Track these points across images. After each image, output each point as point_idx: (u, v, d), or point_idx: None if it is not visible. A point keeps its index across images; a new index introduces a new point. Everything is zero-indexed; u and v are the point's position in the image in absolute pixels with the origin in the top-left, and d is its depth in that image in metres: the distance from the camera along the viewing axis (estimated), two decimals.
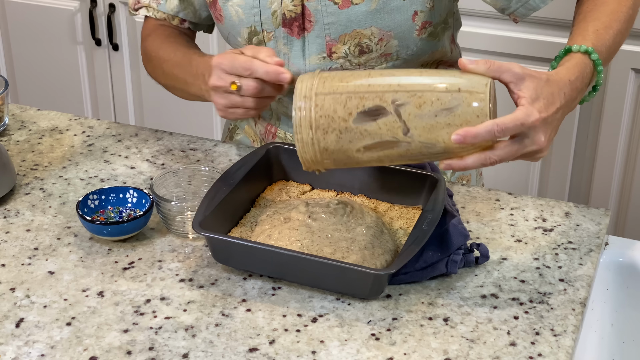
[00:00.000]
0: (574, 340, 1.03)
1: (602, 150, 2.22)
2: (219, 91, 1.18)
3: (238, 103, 1.17)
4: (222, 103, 1.19)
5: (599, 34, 1.16)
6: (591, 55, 1.13)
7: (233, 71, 1.15)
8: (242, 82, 1.15)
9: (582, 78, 1.11)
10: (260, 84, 1.15)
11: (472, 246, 1.14)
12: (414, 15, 1.28)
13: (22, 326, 1.04)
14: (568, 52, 1.13)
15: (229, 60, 1.16)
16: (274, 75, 1.14)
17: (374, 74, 1.05)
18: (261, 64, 1.14)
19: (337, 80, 1.05)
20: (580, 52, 1.12)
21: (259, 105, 1.18)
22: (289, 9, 1.28)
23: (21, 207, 1.26)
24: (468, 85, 1.02)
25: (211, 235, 1.09)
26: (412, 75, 1.04)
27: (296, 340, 1.02)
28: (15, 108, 1.54)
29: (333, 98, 1.04)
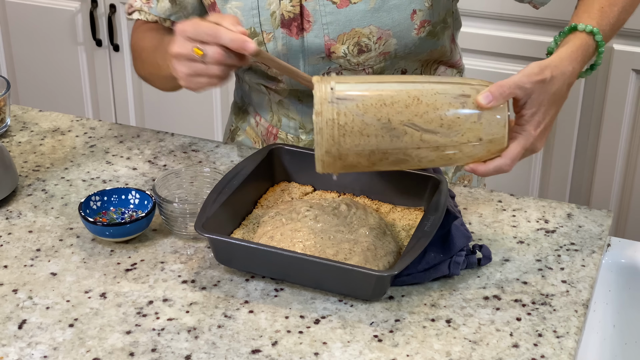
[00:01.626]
0: (577, 342, 1.03)
1: (603, 151, 2.22)
2: (181, 59, 1.14)
3: (201, 70, 1.13)
4: (184, 71, 1.14)
5: (603, 12, 1.19)
6: (595, 37, 1.16)
7: (197, 37, 1.12)
8: (207, 49, 1.11)
9: (583, 60, 1.16)
10: (224, 51, 1.11)
11: (475, 247, 1.14)
12: (413, 13, 1.28)
13: (25, 328, 1.04)
14: (573, 30, 1.16)
15: (193, 26, 1.12)
16: (239, 43, 1.10)
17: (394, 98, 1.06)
18: (226, 31, 1.10)
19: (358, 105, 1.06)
20: (586, 32, 1.16)
21: (223, 73, 1.14)
22: (288, 9, 1.28)
23: (23, 209, 1.26)
24: (488, 133, 1.07)
25: (214, 237, 1.09)
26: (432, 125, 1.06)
27: (299, 342, 1.02)
28: (17, 109, 1.54)
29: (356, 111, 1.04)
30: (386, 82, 1.07)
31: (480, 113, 1.06)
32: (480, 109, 1.06)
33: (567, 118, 2.23)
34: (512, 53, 2.21)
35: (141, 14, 1.39)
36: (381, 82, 1.07)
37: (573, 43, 1.15)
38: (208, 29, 1.11)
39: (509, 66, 2.23)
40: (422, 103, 1.05)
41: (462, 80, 1.09)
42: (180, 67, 1.14)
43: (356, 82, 1.07)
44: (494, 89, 1.07)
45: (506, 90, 1.08)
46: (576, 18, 1.19)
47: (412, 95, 1.05)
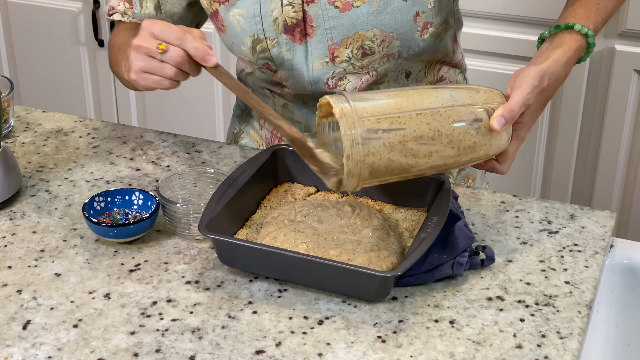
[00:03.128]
0: (580, 343, 1.03)
1: (605, 151, 2.22)
2: (140, 51, 1.15)
3: (155, 69, 1.15)
4: (139, 65, 1.15)
5: (599, 8, 1.25)
6: (589, 39, 1.22)
7: (162, 37, 1.13)
8: (170, 48, 1.13)
9: (574, 61, 1.22)
10: (186, 57, 1.13)
11: (478, 248, 1.14)
12: (416, 15, 1.28)
13: (29, 328, 1.05)
14: (570, 28, 1.22)
15: (162, 25, 1.14)
16: (202, 52, 1.12)
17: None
18: (192, 39, 1.12)
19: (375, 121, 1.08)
20: (581, 33, 1.22)
21: (176, 77, 1.15)
22: (290, 15, 1.28)
23: (27, 209, 1.27)
24: (496, 147, 1.15)
25: (217, 237, 1.09)
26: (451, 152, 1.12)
27: (302, 343, 1.02)
28: (21, 110, 1.54)
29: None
30: (404, 111, 1.09)
31: (491, 133, 1.13)
32: (493, 131, 1.13)
33: (569, 118, 2.23)
34: (514, 53, 2.21)
35: (124, 16, 1.39)
36: (400, 111, 1.09)
37: (569, 47, 1.21)
38: (177, 32, 1.13)
39: (510, 66, 2.23)
40: (442, 135, 1.10)
41: (472, 98, 1.13)
42: (136, 60, 1.16)
43: (376, 108, 1.09)
44: (506, 114, 1.12)
45: (516, 112, 1.14)
46: (572, 12, 1.24)
47: (432, 128, 1.10)
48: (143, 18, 1.37)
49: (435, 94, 1.11)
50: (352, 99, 1.08)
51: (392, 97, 1.10)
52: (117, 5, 1.39)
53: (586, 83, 2.19)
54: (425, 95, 1.11)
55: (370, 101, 1.09)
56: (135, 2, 1.37)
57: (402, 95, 1.11)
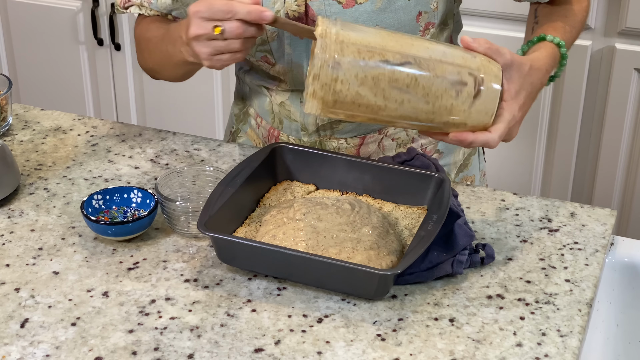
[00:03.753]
0: (580, 341, 1.02)
1: (605, 150, 2.22)
2: (200, 40, 1.15)
3: (223, 48, 1.15)
4: (206, 51, 1.16)
5: (565, 30, 1.28)
6: (561, 49, 1.24)
7: (213, 16, 1.13)
8: (225, 25, 1.12)
9: (551, 69, 1.23)
10: (243, 25, 1.13)
11: (478, 246, 1.14)
12: (418, 15, 1.27)
13: (27, 326, 1.04)
14: (542, 39, 1.24)
15: (207, 6, 1.13)
16: (256, 14, 1.12)
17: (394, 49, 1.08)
18: (241, 4, 1.12)
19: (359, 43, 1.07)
20: (554, 43, 1.23)
21: (244, 46, 1.15)
22: (292, 9, 1.28)
23: (25, 207, 1.26)
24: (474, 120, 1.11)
25: (216, 236, 1.08)
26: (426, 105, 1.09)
27: (302, 341, 1.02)
28: (19, 108, 1.54)
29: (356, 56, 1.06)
30: (388, 50, 1.07)
31: (472, 101, 1.09)
32: (465, 46, 1.11)
33: (569, 116, 2.23)
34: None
35: (141, 9, 1.39)
36: (384, 49, 1.07)
37: (545, 50, 1.22)
38: (223, 6, 1.12)
39: None
40: (418, 85, 1.07)
41: (464, 60, 1.10)
42: (201, 47, 1.15)
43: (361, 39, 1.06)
44: (480, 39, 1.12)
45: (490, 44, 1.12)
46: (542, 31, 1.27)
47: (411, 75, 1.06)
48: (160, 8, 1.37)
49: (428, 45, 1.09)
50: (342, 26, 1.06)
51: (382, 35, 1.08)
52: None
53: (586, 81, 2.18)
54: (417, 43, 1.09)
55: (358, 32, 1.07)
56: None
57: (393, 36, 1.08)
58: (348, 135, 1.38)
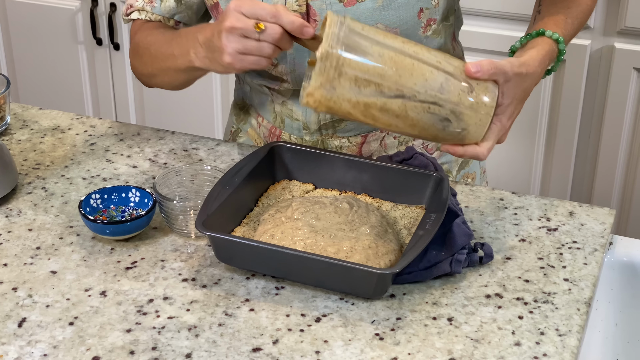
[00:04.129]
0: (579, 340, 1.02)
1: (605, 149, 2.22)
2: (234, 33, 1.12)
3: (253, 49, 1.12)
4: (235, 47, 1.13)
5: (567, 23, 1.27)
6: (559, 45, 1.24)
7: (254, 15, 1.11)
8: (267, 26, 1.11)
9: (547, 66, 1.23)
10: (283, 32, 1.11)
11: (476, 245, 1.14)
12: (420, 12, 1.27)
13: (25, 326, 1.04)
14: (541, 34, 1.23)
15: (251, 4, 1.11)
16: (298, 26, 1.11)
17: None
18: (286, 12, 1.11)
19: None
20: (552, 38, 1.23)
21: (274, 54, 1.14)
22: (294, 8, 1.27)
23: (23, 207, 1.26)
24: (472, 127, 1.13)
25: (214, 235, 1.08)
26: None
27: (300, 340, 1.02)
28: (17, 107, 1.54)
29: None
30: (386, 80, 1.08)
31: (459, 132, 1.12)
32: (469, 76, 1.11)
33: (568, 116, 2.22)
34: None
35: (141, 13, 1.38)
36: (382, 78, 1.08)
37: (542, 47, 1.22)
38: (269, 8, 1.11)
39: None
40: (408, 118, 1.10)
41: (459, 96, 1.11)
42: (232, 42, 1.13)
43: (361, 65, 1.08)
44: (485, 63, 1.12)
45: (493, 69, 1.12)
46: (542, 24, 1.26)
47: (402, 109, 1.09)
48: (163, 12, 1.37)
49: (429, 74, 1.09)
50: (345, 42, 1.06)
51: (386, 56, 1.08)
52: (136, 1, 1.38)
53: (585, 81, 2.18)
54: (417, 72, 1.09)
55: (360, 53, 1.07)
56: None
57: (395, 60, 1.08)
58: (350, 133, 1.37)
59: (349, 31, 1.08)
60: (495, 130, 1.16)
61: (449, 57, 1.13)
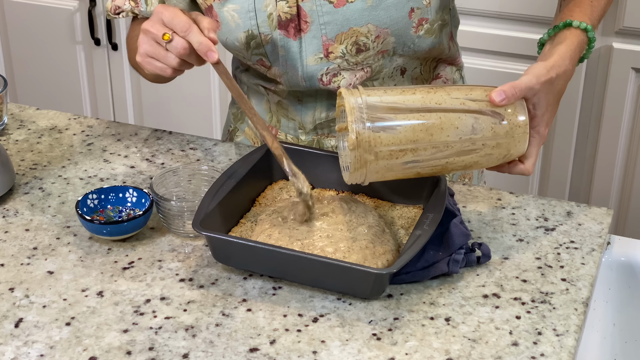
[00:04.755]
0: (577, 340, 1.02)
1: (603, 149, 2.22)
2: (147, 35, 1.16)
3: (160, 56, 1.16)
4: (146, 49, 1.17)
5: (593, 6, 1.25)
6: (588, 33, 1.21)
7: (170, 25, 1.14)
8: (175, 38, 1.14)
9: (578, 58, 1.21)
10: (189, 48, 1.14)
11: (474, 245, 1.13)
12: (411, 12, 1.27)
13: (21, 326, 1.04)
14: (568, 25, 1.21)
15: (172, 13, 1.14)
16: (204, 48, 1.12)
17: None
18: (198, 32, 1.13)
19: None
20: (580, 28, 1.21)
21: (179, 67, 1.16)
22: (284, 10, 1.27)
23: (20, 207, 1.26)
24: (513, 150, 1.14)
25: (211, 235, 1.08)
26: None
27: (297, 340, 1.01)
28: (14, 107, 1.54)
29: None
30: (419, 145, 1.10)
31: (501, 120, 1.11)
32: (493, 104, 1.11)
33: (566, 116, 2.22)
34: (512, 51, 2.21)
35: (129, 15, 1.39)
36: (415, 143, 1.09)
37: (571, 41, 1.20)
38: (183, 23, 1.13)
39: (508, 64, 2.22)
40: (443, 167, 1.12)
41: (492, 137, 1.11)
42: (144, 43, 1.17)
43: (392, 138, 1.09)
44: (507, 89, 1.11)
45: (518, 91, 1.12)
46: (568, 12, 1.23)
47: (436, 165, 1.11)
48: (149, 14, 1.37)
49: (458, 123, 1.10)
50: (370, 126, 1.07)
51: (412, 124, 1.08)
52: (123, 4, 1.38)
53: (584, 81, 2.18)
54: (446, 126, 1.09)
55: (388, 131, 1.08)
56: (141, 0, 1.36)
57: (422, 124, 1.09)
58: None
59: (369, 110, 1.08)
60: (535, 143, 1.16)
61: (468, 90, 1.12)
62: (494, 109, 1.11)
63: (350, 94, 1.09)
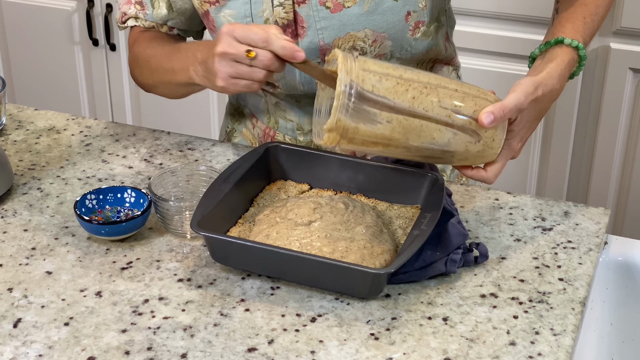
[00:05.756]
0: (574, 340, 1.02)
1: (600, 149, 2.22)
2: (226, 58, 1.14)
3: (245, 73, 1.14)
4: (227, 71, 1.14)
5: (586, 23, 1.24)
6: (579, 52, 1.21)
7: (246, 40, 1.12)
8: (258, 52, 1.12)
9: (567, 75, 1.21)
10: (274, 57, 1.12)
11: (472, 245, 1.14)
12: (407, 15, 1.27)
13: (20, 326, 1.04)
14: (559, 42, 1.21)
15: (243, 29, 1.12)
16: (290, 51, 1.11)
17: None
18: (277, 37, 1.11)
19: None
20: (572, 46, 1.20)
21: (265, 79, 1.15)
22: (281, 16, 1.27)
23: (19, 207, 1.26)
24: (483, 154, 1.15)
25: (209, 235, 1.08)
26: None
27: (295, 340, 1.02)
28: (13, 108, 1.54)
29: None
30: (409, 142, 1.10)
31: (478, 140, 1.12)
32: (481, 126, 1.11)
33: (564, 116, 2.23)
34: (508, 52, 2.21)
35: (137, 20, 1.39)
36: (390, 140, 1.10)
37: (562, 59, 1.19)
38: (260, 33, 1.11)
39: (504, 65, 2.22)
40: (419, 149, 1.12)
41: (461, 122, 1.11)
42: (224, 66, 1.14)
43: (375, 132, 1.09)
44: (496, 111, 1.10)
45: (506, 112, 1.11)
46: (560, 28, 1.23)
47: (414, 148, 1.11)
48: (155, 19, 1.37)
49: (436, 134, 1.10)
50: (353, 113, 1.06)
51: (392, 123, 1.08)
52: (129, 9, 1.38)
53: (581, 81, 2.18)
54: (425, 134, 1.10)
55: (368, 123, 1.07)
56: (147, 4, 1.36)
57: (402, 126, 1.09)
58: None
59: (357, 100, 1.06)
60: (504, 155, 1.16)
61: (460, 99, 1.11)
62: (475, 129, 1.11)
63: (345, 70, 1.06)
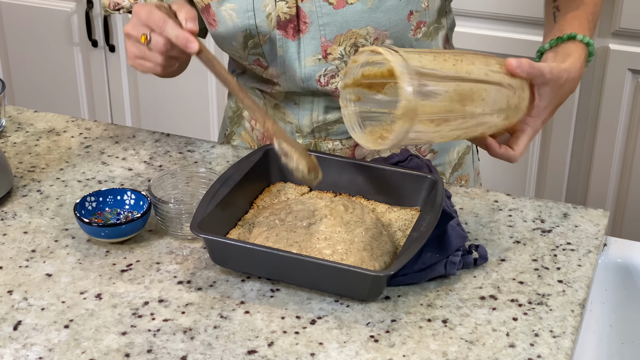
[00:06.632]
0: (573, 342, 1.02)
1: (599, 151, 2.22)
2: (131, 39, 1.18)
3: (147, 56, 1.18)
4: (133, 51, 1.19)
5: (589, 21, 1.26)
6: (589, 48, 1.23)
7: (147, 23, 1.16)
8: (152, 37, 1.15)
9: (584, 70, 1.23)
10: (168, 44, 1.15)
11: (471, 247, 1.14)
12: (410, 14, 1.27)
13: (20, 329, 1.04)
14: (572, 38, 1.22)
15: (147, 12, 1.16)
16: (182, 41, 1.14)
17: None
18: (174, 26, 1.14)
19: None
20: (583, 42, 1.22)
21: (166, 63, 1.18)
22: (284, 10, 1.27)
23: (18, 209, 1.26)
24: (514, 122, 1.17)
25: (209, 237, 1.08)
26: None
27: (295, 342, 1.02)
28: (12, 110, 1.54)
29: None
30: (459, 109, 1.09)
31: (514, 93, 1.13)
32: (508, 76, 1.12)
33: (563, 117, 2.23)
34: (508, 53, 2.21)
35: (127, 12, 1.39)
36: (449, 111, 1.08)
37: (579, 55, 1.21)
38: (158, 20, 1.15)
39: None
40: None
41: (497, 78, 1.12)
42: (130, 46, 1.19)
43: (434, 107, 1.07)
44: (525, 61, 1.13)
45: (531, 66, 1.14)
46: (568, 25, 1.24)
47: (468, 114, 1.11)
48: None
49: (485, 95, 1.10)
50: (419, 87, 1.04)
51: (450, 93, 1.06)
52: (123, 0, 1.38)
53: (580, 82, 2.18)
54: (476, 97, 1.09)
55: (430, 97, 1.05)
56: None
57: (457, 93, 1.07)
58: (343, 136, 1.38)
59: (418, 74, 1.04)
60: (528, 133, 1.18)
61: (484, 59, 1.12)
62: (509, 82, 1.12)
63: (391, 55, 1.04)
